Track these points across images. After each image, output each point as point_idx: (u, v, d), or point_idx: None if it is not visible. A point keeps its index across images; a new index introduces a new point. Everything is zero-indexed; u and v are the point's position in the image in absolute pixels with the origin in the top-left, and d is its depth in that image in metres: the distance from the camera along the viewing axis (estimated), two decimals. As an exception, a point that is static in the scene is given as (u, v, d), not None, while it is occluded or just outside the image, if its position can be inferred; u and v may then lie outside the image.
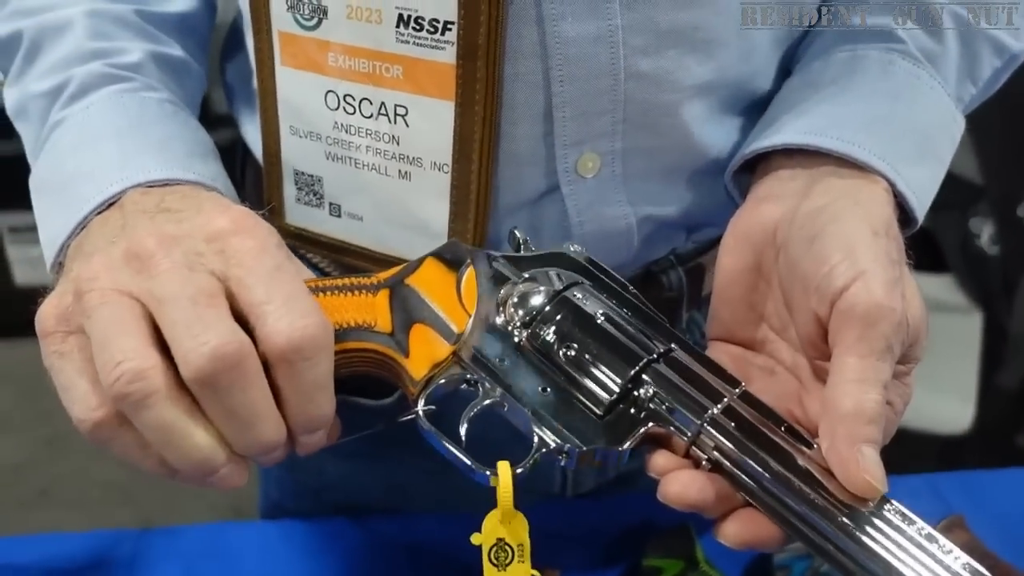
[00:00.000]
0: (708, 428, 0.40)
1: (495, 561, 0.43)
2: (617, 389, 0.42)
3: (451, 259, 0.46)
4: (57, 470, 1.85)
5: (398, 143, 0.49)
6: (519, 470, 0.41)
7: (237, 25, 0.59)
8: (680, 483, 0.40)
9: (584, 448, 0.41)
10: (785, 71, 0.54)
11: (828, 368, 0.41)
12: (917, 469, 0.71)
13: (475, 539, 0.43)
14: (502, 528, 0.42)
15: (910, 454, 1.48)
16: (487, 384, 0.43)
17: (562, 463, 0.42)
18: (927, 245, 1.57)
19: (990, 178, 1.51)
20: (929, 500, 0.68)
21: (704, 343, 0.49)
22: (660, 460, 0.41)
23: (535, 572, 0.43)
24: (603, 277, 0.47)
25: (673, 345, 0.44)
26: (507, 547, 0.43)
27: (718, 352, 0.47)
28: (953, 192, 1.56)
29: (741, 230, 0.46)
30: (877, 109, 0.48)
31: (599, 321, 0.44)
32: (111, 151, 0.47)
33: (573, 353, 0.43)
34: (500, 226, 0.52)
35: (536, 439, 0.42)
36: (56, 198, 0.47)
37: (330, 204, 0.53)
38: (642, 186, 0.52)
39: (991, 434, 1.52)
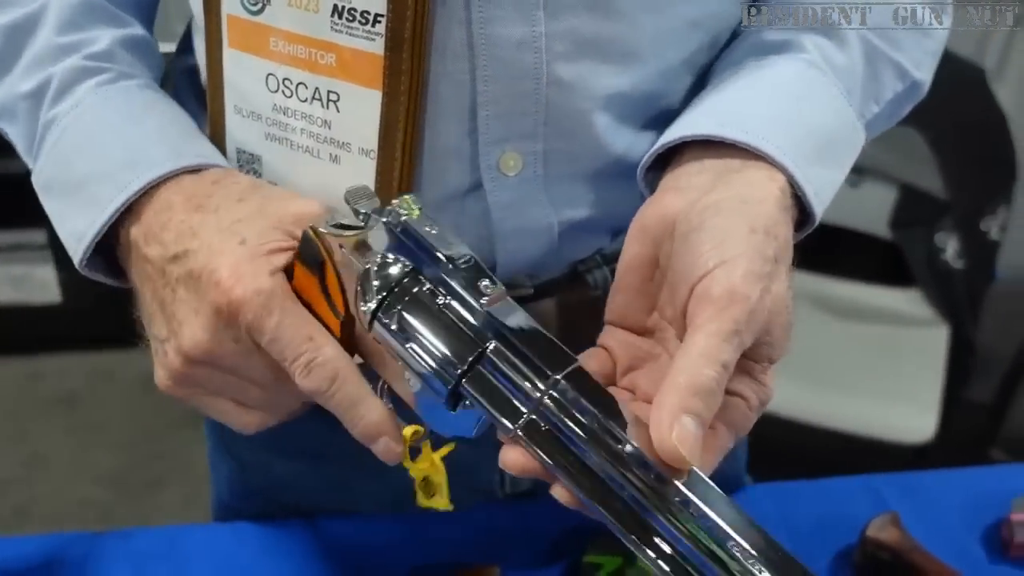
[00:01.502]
0: (519, 433, 0.41)
1: (423, 490, 0.48)
2: (444, 398, 0.43)
3: (311, 261, 0.46)
4: (35, 489, 1.85)
5: (329, 127, 0.51)
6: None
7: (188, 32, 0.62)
8: (514, 454, 0.41)
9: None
10: (698, 91, 0.55)
11: None
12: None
13: (408, 467, 0.48)
14: (429, 468, 0.48)
15: (873, 463, 1.50)
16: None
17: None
18: (894, 259, 1.60)
19: (955, 194, 1.53)
20: (866, 499, 0.69)
21: None
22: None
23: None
24: (425, 252, 0.44)
25: (492, 345, 0.42)
26: (432, 482, 0.48)
27: (610, 336, 0.47)
28: (919, 207, 1.59)
29: (643, 220, 0.47)
30: (782, 108, 0.50)
31: (414, 336, 0.43)
32: (116, 150, 0.50)
33: (401, 362, 0.44)
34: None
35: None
36: (71, 199, 0.50)
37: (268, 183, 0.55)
38: (564, 188, 0.54)
39: (959, 445, 1.54)
